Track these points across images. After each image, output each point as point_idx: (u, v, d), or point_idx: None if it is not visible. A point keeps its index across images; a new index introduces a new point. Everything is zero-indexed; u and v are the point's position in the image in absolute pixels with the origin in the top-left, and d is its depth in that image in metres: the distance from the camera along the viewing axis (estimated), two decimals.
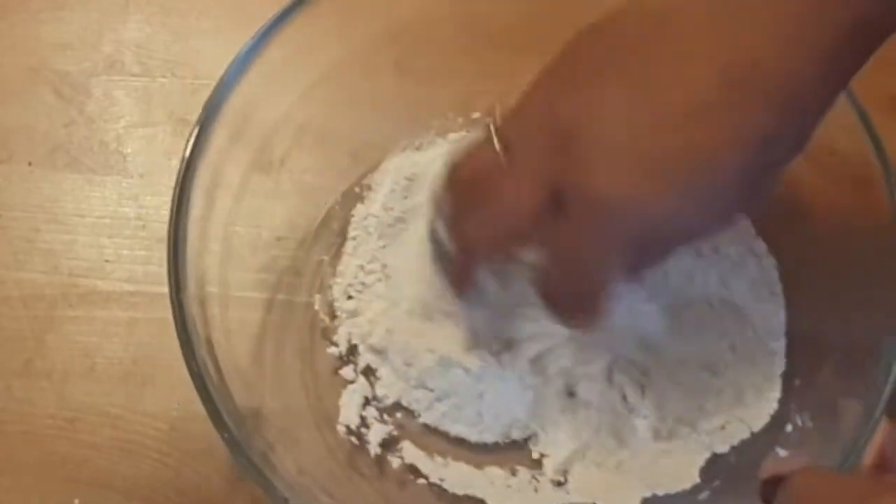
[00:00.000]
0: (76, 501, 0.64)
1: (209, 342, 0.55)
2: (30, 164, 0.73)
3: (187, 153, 0.56)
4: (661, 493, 0.59)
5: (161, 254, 0.69)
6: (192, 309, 0.54)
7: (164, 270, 0.68)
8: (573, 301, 0.53)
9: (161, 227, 0.70)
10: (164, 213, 0.70)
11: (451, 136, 0.68)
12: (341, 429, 0.62)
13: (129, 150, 0.73)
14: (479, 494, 0.60)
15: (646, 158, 0.46)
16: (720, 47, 0.45)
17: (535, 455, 0.61)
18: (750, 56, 0.45)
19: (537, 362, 0.61)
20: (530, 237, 0.51)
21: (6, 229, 0.71)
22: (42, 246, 0.71)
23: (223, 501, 0.64)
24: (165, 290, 0.68)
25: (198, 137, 0.57)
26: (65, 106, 0.75)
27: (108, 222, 0.71)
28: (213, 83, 0.74)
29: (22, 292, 0.69)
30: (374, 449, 0.61)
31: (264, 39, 0.59)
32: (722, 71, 0.45)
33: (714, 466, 0.60)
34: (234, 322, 0.59)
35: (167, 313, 0.67)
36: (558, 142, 0.47)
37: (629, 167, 0.46)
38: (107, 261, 0.70)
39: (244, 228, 0.62)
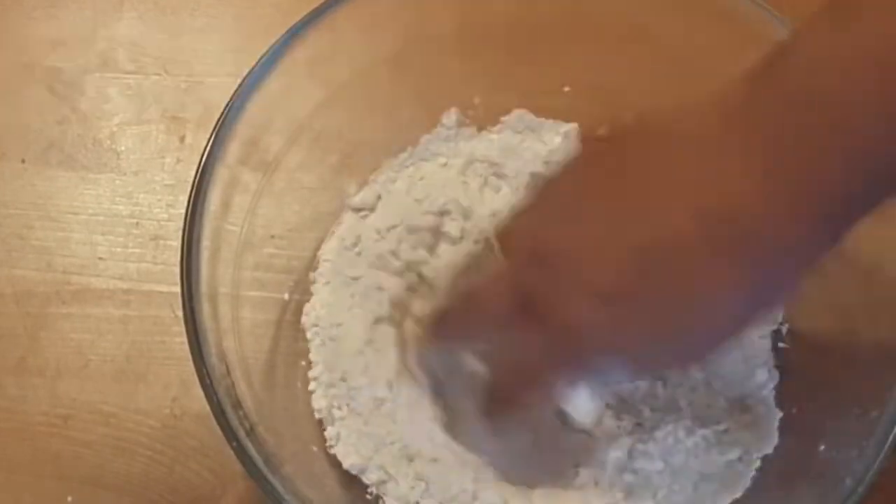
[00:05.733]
0: (69, 499, 0.64)
1: (220, 347, 0.55)
2: (23, 161, 0.73)
3: (205, 158, 0.56)
4: None
5: (154, 251, 0.70)
6: (205, 318, 0.54)
7: (157, 268, 0.69)
8: (508, 391, 0.55)
9: (154, 225, 0.70)
10: (158, 210, 0.71)
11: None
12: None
13: (122, 148, 0.74)
14: None
15: (608, 297, 0.46)
16: (704, 188, 0.43)
17: None
18: (733, 204, 0.42)
19: None
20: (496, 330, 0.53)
21: None
22: (35, 243, 0.71)
23: (216, 499, 0.64)
24: (159, 287, 0.69)
25: (215, 141, 0.57)
26: (58, 103, 0.75)
27: (102, 220, 0.71)
28: (207, 81, 0.75)
29: (15, 289, 0.69)
30: None
31: (286, 46, 0.59)
32: (698, 216, 0.43)
33: None
34: (247, 322, 0.60)
35: (161, 311, 0.68)
36: (537, 263, 0.48)
37: (592, 303, 0.46)
38: (100, 258, 0.70)
39: (253, 228, 0.62)
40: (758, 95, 0.42)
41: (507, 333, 0.52)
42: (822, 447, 0.56)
